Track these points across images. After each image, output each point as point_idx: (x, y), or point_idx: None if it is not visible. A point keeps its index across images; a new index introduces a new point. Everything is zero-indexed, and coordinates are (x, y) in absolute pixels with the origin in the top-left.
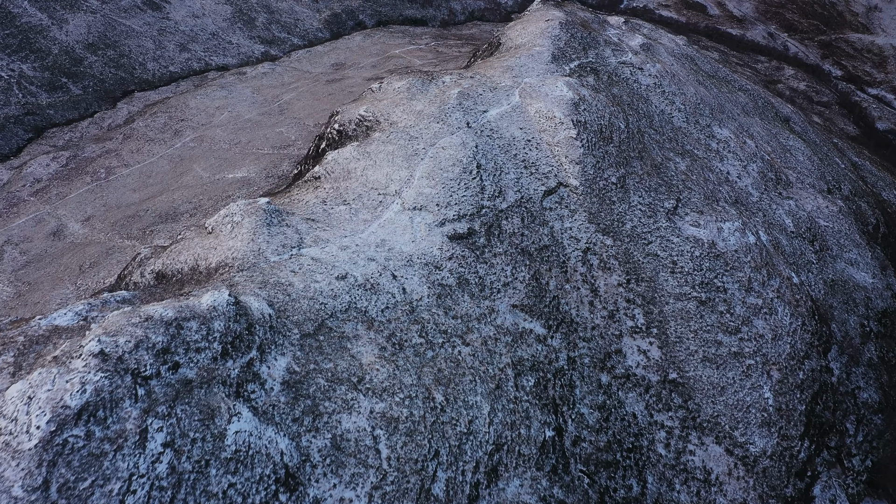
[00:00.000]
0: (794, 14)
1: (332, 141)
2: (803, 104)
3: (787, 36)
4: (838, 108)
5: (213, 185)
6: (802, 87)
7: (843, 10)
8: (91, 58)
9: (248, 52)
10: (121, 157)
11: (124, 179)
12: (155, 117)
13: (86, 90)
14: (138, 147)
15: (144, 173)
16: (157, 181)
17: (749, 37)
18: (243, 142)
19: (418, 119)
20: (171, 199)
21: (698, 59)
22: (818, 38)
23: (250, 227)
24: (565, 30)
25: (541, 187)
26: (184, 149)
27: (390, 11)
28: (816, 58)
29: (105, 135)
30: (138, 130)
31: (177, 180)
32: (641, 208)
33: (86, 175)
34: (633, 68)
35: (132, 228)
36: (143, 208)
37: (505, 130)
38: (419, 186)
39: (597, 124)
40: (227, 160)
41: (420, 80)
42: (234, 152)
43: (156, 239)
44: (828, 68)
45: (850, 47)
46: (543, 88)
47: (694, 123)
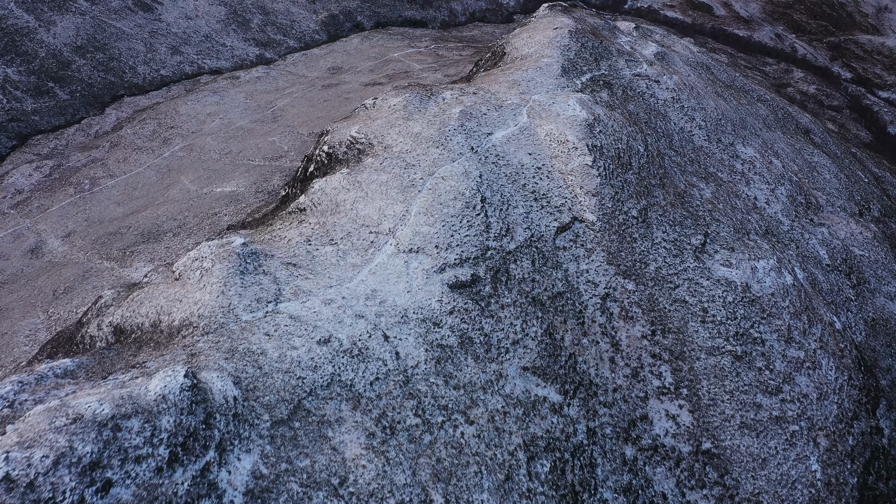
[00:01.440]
0: (802, 15)
1: (321, 164)
2: (815, 109)
3: (795, 37)
4: (849, 113)
5: (199, 200)
6: (812, 91)
7: (852, 10)
8: (79, 61)
9: (243, 54)
10: (106, 167)
11: (109, 191)
12: (144, 124)
13: (73, 95)
14: (125, 156)
15: (130, 185)
16: (142, 193)
17: (756, 38)
18: (234, 151)
19: (416, 143)
20: (156, 214)
21: (714, 67)
22: (827, 40)
23: (221, 275)
24: (575, 39)
25: (553, 223)
26: (172, 158)
27: (389, 13)
28: (825, 60)
29: (91, 142)
30: (126, 138)
31: (163, 193)
32: (666, 246)
33: (69, 186)
34: (649, 81)
35: (112, 248)
36: (125, 224)
37: (512, 156)
38: (416, 224)
39: (614, 148)
40: (216, 172)
41: (418, 95)
42: (224, 163)
43: (135, 261)
44: (837, 70)
45: (859, 49)
46: (554, 107)
47: (716, 142)
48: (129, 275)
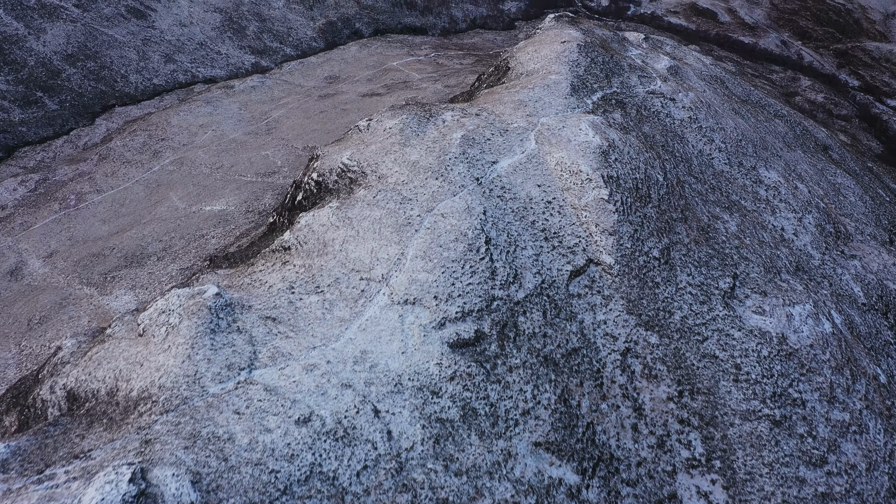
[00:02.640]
0: (808, 21)
1: (310, 193)
2: (825, 119)
3: (801, 44)
4: (858, 122)
5: (187, 220)
6: (821, 100)
7: (859, 17)
8: (69, 70)
9: (238, 63)
10: (94, 182)
11: (95, 208)
12: (134, 136)
13: (62, 105)
14: (113, 170)
15: (117, 201)
16: (129, 211)
17: (762, 45)
18: (226, 166)
19: (413, 173)
20: (142, 234)
21: (728, 81)
22: (833, 47)
23: (189, 334)
24: (584, 54)
25: (566, 266)
26: (161, 173)
27: (388, 19)
28: (832, 67)
29: (80, 155)
30: (115, 150)
31: (150, 211)
32: (692, 291)
33: (54, 202)
34: (664, 99)
35: (94, 272)
36: (109, 245)
37: (519, 188)
38: (412, 270)
39: (631, 179)
40: (206, 188)
41: (416, 117)
42: (215, 178)
43: (116, 288)
44: (844, 78)
45: (867, 56)
46: (564, 131)
47: (737, 165)
48: (108, 304)
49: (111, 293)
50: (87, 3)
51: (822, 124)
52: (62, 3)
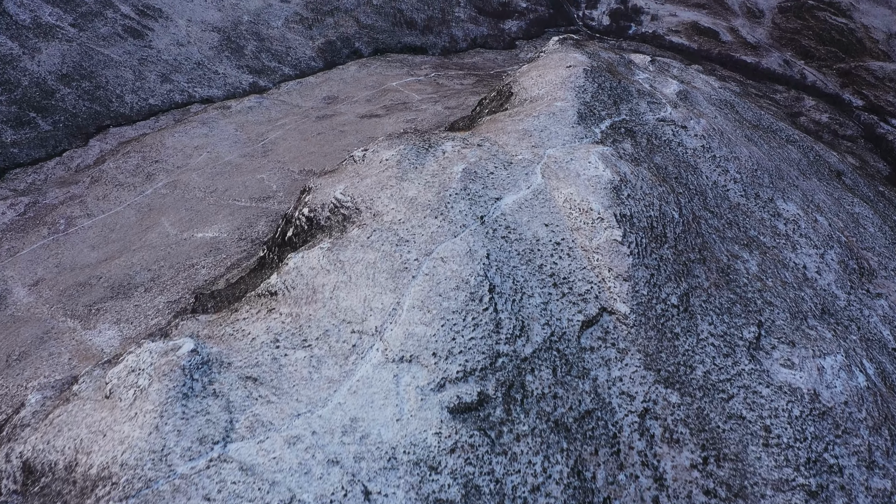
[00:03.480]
0: (811, 41)
1: (300, 230)
2: (830, 140)
3: (804, 63)
4: (864, 143)
5: (178, 247)
6: (825, 120)
7: (861, 36)
8: (64, 90)
9: (235, 82)
10: (85, 205)
11: (84, 233)
12: (127, 157)
13: (56, 126)
14: (105, 193)
15: (107, 226)
16: (119, 236)
17: (764, 65)
18: (220, 190)
19: (410, 211)
20: (130, 262)
21: (738, 105)
22: (836, 66)
23: (159, 400)
24: (591, 79)
25: (577, 316)
26: (154, 196)
27: (388, 39)
28: (835, 87)
29: (71, 177)
30: (108, 173)
31: (141, 237)
32: (714, 342)
33: (43, 226)
34: (676, 127)
35: (79, 303)
36: (97, 273)
37: (525, 228)
38: (409, 322)
39: (645, 217)
40: (199, 213)
41: (414, 148)
42: (209, 203)
43: (100, 322)
44: (848, 98)
45: (870, 76)
46: (573, 164)
47: (754, 197)
48: (91, 339)
49: (95, 327)
50: (84, 22)
51: (829, 145)
52: (58, 22)
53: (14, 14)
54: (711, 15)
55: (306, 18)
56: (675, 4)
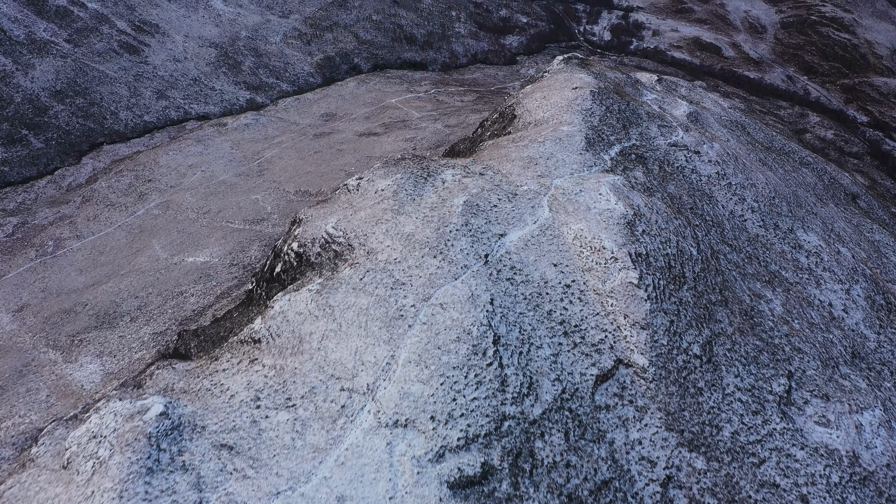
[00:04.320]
0: (814, 56)
1: (289, 266)
2: (837, 157)
3: (808, 79)
4: (870, 160)
5: (167, 272)
6: (831, 136)
7: (865, 52)
8: (57, 107)
9: (232, 99)
10: (74, 226)
11: (73, 255)
12: (120, 176)
13: (48, 143)
14: (96, 213)
15: (97, 248)
16: (108, 260)
17: (768, 80)
18: (213, 211)
19: (407, 249)
20: (118, 288)
21: (749, 126)
22: (840, 82)
23: (119, 477)
24: (598, 101)
25: (591, 370)
26: (146, 217)
27: (388, 54)
28: (839, 102)
29: (62, 197)
30: (100, 192)
31: (130, 261)
32: (742, 397)
33: (31, 248)
34: (688, 152)
35: (62, 332)
36: (83, 300)
37: (532, 268)
38: (404, 379)
39: (662, 255)
40: (190, 235)
41: (412, 177)
42: (201, 224)
43: (82, 354)
44: (852, 114)
45: (875, 91)
46: (582, 196)
47: (773, 228)
48: (71, 374)
49: (76, 360)
50: (79, 38)
51: (836, 163)
52: (53, 38)
53: (8, 30)
54: (713, 30)
55: (305, 34)
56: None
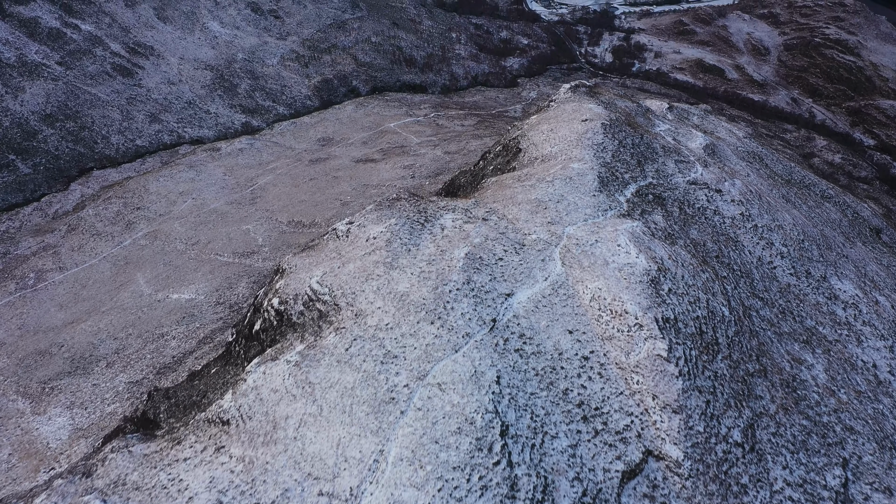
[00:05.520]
0: (818, 79)
1: (269, 325)
2: (846, 182)
3: (812, 101)
4: (880, 185)
5: (150, 311)
6: (838, 161)
7: (871, 74)
8: (47, 131)
9: (227, 122)
10: (58, 257)
11: (54, 289)
12: (108, 204)
13: (36, 169)
14: (81, 243)
15: (79, 281)
16: (90, 294)
17: (772, 103)
18: (202, 242)
19: (401, 312)
20: (97, 327)
21: (766, 157)
22: (846, 105)
23: None
24: (610, 135)
25: (616, 464)
26: (132, 248)
27: (387, 77)
28: (845, 125)
29: (48, 225)
30: (86, 221)
31: (113, 296)
32: (792, 495)
33: (11, 281)
34: (709, 191)
35: (34, 377)
36: (59, 340)
37: (544, 336)
38: (395, 482)
39: (692, 319)
40: (177, 269)
41: (407, 223)
42: (189, 257)
43: (52, 405)
44: (859, 137)
45: (881, 114)
46: (598, 247)
47: (805, 276)
48: (38, 429)
49: (45, 412)
50: (72, 60)
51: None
52: (44, 60)
53: None
54: (716, 52)
55: (303, 56)
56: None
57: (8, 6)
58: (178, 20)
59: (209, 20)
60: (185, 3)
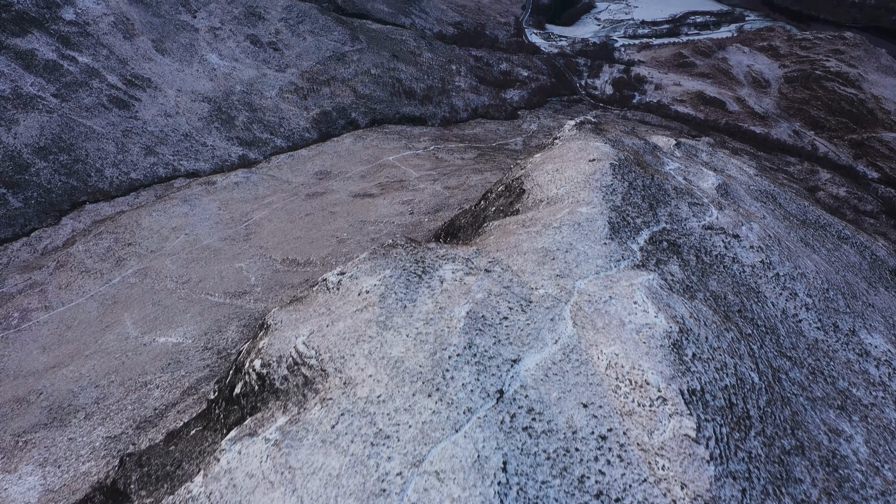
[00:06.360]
0: (820, 111)
1: (250, 390)
2: (853, 216)
3: (814, 134)
4: (886, 218)
5: (135, 355)
6: (843, 194)
7: (873, 107)
8: (40, 164)
9: (224, 155)
10: (44, 295)
11: (38, 329)
12: (99, 239)
13: (27, 203)
14: (69, 281)
15: (65, 322)
16: (75, 336)
17: (774, 135)
18: (193, 280)
19: (395, 382)
20: (79, 373)
21: (779, 196)
22: (848, 137)
23: None
24: (620, 176)
25: None
26: (121, 286)
27: (386, 109)
28: (848, 158)
29: (36, 261)
30: (76, 257)
31: (98, 338)
32: None
33: None
34: (726, 236)
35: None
36: (38, 387)
37: (555, 410)
38: None
39: (720, 389)
40: (166, 309)
41: (403, 274)
42: (178, 296)
43: (23, 462)
44: (862, 169)
45: (884, 147)
46: (613, 305)
47: (833, 330)
48: (6, 489)
49: (16, 469)
50: (67, 92)
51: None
52: (40, 92)
53: None
54: (716, 84)
55: (301, 88)
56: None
57: (4, 38)
58: (176, 52)
59: (208, 52)
60: (185, 36)
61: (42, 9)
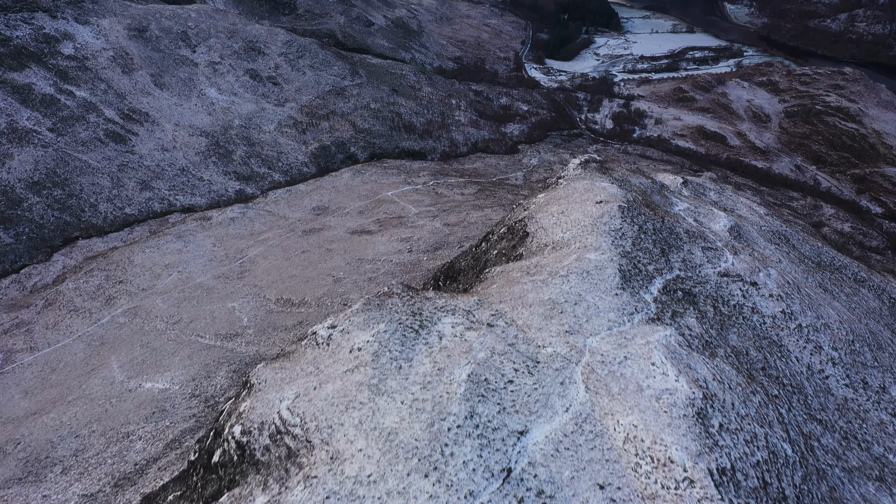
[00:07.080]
0: (821, 146)
1: (229, 460)
2: (859, 253)
3: (816, 169)
4: (892, 254)
5: (119, 403)
6: (848, 230)
7: (874, 142)
8: (33, 199)
9: (221, 190)
10: (31, 336)
11: (22, 372)
12: (90, 276)
13: (19, 238)
14: (57, 320)
15: (49, 364)
16: (59, 380)
17: (776, 170)
18: (184, 321)
19: (387, 458)
20: (60, 421)
21: (792, 236)
22: (850, 172)
23: None
24: (629, 219)
25: None
26: (110, 326)
27: (385, 143)
28: (851, 193)
29: (24, 299)
30: (65, 295)
31: (82, 382)
32: None
33: None
34: (744, 284)
35: None
36: (17, 436)
37: (568, 492)
38: None
39: (751, 467)
40: (154, 352)
41: (398, 329)
42: (168, 338)
43: None
44: (865, 204)
45: (887, 182)
46: (629, 368)
47: (862, 386)
48: None
49: None
50: (64, 126)
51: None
52: (36, 126)
53: None
54: (717, 119)
55: (300, 122)
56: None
57: (1, 73)
58: (175, 86)
59: (207, 86)
60: (184, 70)
61: (41, 43)
